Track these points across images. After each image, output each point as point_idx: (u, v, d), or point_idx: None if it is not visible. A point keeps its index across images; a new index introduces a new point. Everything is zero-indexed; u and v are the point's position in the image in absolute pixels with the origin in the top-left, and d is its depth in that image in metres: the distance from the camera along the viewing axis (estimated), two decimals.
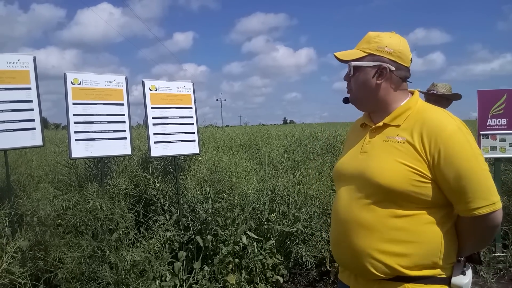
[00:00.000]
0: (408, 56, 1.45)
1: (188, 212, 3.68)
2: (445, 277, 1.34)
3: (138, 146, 5.10)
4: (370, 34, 1.48)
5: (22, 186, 3.59)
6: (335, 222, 1.49)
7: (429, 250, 1.31)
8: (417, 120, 1.35)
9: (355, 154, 1.49)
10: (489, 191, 1.27)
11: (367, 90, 1.46)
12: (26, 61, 3.11)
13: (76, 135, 3.21)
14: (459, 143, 1.28)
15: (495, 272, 4.11)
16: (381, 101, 1.46)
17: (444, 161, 1.26)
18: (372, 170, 1.35)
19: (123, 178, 3.53)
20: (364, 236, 1.34)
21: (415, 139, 1.32)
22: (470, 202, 1.26)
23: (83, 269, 2.89)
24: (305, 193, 4.12)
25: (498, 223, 1.30)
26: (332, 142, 6.30)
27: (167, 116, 3.70)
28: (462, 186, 1.26)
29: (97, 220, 3.00)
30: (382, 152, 1.38)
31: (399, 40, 1.45)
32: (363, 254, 1.34)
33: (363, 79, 1.45)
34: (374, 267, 1.33)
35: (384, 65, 1.42)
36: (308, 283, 3.99)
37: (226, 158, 4.44)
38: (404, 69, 1.45)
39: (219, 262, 3.44)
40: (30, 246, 2.86)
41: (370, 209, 1.34)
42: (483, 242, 1.41)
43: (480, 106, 4.59)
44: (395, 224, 1.31)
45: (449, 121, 1.31)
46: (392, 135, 1.39)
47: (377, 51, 1.43)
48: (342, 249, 1.44)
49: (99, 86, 3.38)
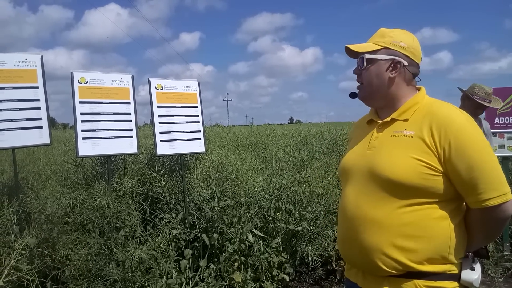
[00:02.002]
0: (420, 53, 1.47)
1: (194, 210, 3.69)
2: (455, 273, 1.33)
3: (145, 145, 5.13)
4: (384, 30, 1.50)
5: (30, 184, 3.62)
6: (342, 219, 1.48)
7: (439, 244, 1.30)
8: (426, 114, 1.35)
9: (363, 150, 1.48)
10: (500, 182, 1.27)
11: (379, 83, 1.46)
12: (34, 60, 3.13)
13: (83, 133, 3.23)
14: (469, 135, 1.27)
15: (503, 271, 4.08)
16: (391, 95, 1.46)
17: (455, 153, 1.26)
18: (382, 165, 1.35)
19: (130, 176, 3.55)
20: (373, 232, 1.34)
21: (424, 132, 1.31)
22: (481, 193, 1.26)
23: (90, 267, 2.91)
24: (311, 192, 4.11)
25: (509, 214, 1.30)
26: (339, 141, 6.28)
27: (173, 115, 3.71)
28: (474, 177, 1.26)
29: (104, 218, 3.02)
30: (391, 146, 1.38)
31: (412, 37, 1.47)
32: (372, 250, 1.34)
33: (376, 72, 1.45)
34: (384, 263, 1.32)
35: (398, 59, 1.43)
36: (314, 281, 3.98)
37: (232, 156, 4.45)
38: (416, 65, 1.47)
39: (225, 260, 3.45)
40: (37, 243, 2.89)
41: (379, 205, 1.34)
42: (492, 235, 1.40)
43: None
44: (404, 219, 1.30)
45: (457, 114, 1.32)
46: (400, 130, 1.39)
47: (391, 45, 1.44)
48: (350, 246, 1.43)
49: (106, 85, 3.40)
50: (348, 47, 1.50)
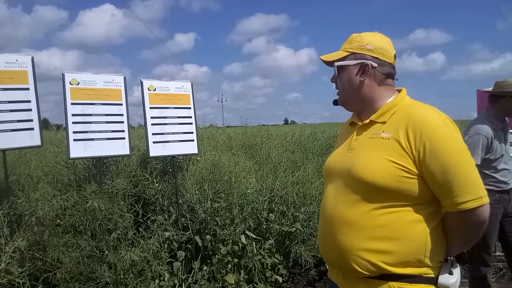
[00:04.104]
0: (390, 52, 1.47)
1: (187, 212, 3.68)
2: (432, 277, 1.33)
3: (138, 146, 5.11)
4: (353, 35, 1.52)
5: (21, 186, 3.59)
6: (322, 220, 1.49)
7: (413, 247, 1.30)
8: (403, 116, 1.36)
9: (343, 152, 1.50)
10: (475, 185, 1.26)
11: (352, 88, 1.48)
12: (25, 62, 3.10)
13: (75, 135, 3.21)
14: (443, 137, 1.27)
15: (495, 271, 4.11)
16: (366, 98, 1.47)
17: (429, 155, 1.26)
18: (358, 166, 1.36)
19: (122, 178, 3.53)
20: (348, 234, 1.34)
21: (400, 134, 1.31)
22: (456, 196, 1.25)
23: (81, 269, 2.89)
24: (304, 193, 4.11)
25: (486, 218, 1.29)
26: (332, 141, 6.29)
27: (166, 116, 3.69)
28: (448, 180, 1.25)
29: (96, 220, 3.00)
30: (368, 148, 1.39)
31: (380, 38, 1.48)
32: (347, 251, 1.34)
33: (347, 77, 1.48)
34: (358, 265, 1.32)
35: (366, 62, 1.44)
36: (308, 282, 3.99)
37: (225, 158, 4.44)
38: (388, 65, 1.46)
39: (218, 261, 3.44)
40: (28, 246, 2.87)
41: (354, 206, 1.34)
42: (470, 239, 1.38)
43: (479, 106, 4.59)
44: (379, 221, 1.30)
45: (433, 116, 1.31)
46: (378, 132, 1.39)
47: (358, 49, 1.46)
48: (329, 247, 1.44)
49: (98, 86, 3.37)
50: (321, 59, 1.54)
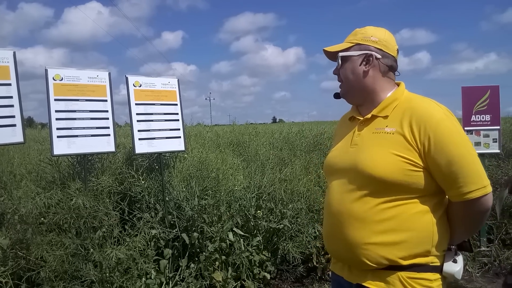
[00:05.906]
0: (393, 46, 1.50)
1: (174, 210, 3.65)
2: (437, 265, 1.36)
3: (124, 143, 5.05)
4: (356, 29, 1.55)
5: (3, 184, 3.52)
6: (327, 215, 1.50)
7: (422, 238, 1.33)
8: (405, 110, 1.37)
9: (345, 147, 1.51)
10: (479, 175, 1.30)
11: (355, 79, 1.49)
12: (6, 57, 3.02)
13: (58, 131, 3.14)
14: (447, 130, 1.30)
15: (480, 266, 4.17)
16: (369, 89, 1.48)
17: (435, 148, 1.28)
18: (365, 162, 1.37)
19: (107, 176, 3.47)
20: (357, 228, 1.36)
21: (404, 128, 1.34)
22: (461, 187, 1.29)
23: (66, 268, 2.85)
24: (291, 190, 4.11)
25: (489, 207, 1.33)
26: (319, 139, 6.31)
27: (152, 113, 3.65)
28: (453, 171, 1.28)
29: (80, 218, 2.96)
30: (373, 144, 1.40)
31: (384, 32, 1.51)
32: (356, 246, 1.36)
33: (351, 68, 1.49)
34: (368, 258, 1.34)
35: (370, 52, 1.46)
36: (295, 279, 3.99)
37: (213, 155, 4.41)
38: (391, 58, 1.49)
39: (206, 259, 3.42)
40: (11, 244, 2.81)
41: (362, 201, 1.36)
42: (474, 227, 1.44)
43: (464, 103, 4.64)
44: (386, 214, 1.33)
45: (436, 109, 1.34)
46: (381, 127, 1.41)
47: (363, 41, 1.49)
48: (336, 242, 1.46)
49: (82, 82, 3.31)
50: (325, 50, 1.55)
